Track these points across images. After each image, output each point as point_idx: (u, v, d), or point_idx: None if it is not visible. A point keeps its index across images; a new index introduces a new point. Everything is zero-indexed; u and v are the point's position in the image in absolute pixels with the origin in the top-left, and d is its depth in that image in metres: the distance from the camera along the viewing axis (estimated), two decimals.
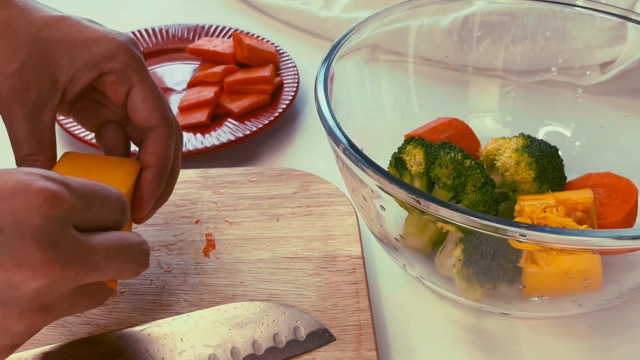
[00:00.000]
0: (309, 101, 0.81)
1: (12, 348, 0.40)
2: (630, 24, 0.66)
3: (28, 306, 0.37)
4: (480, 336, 0.54)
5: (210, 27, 0.89)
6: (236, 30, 0.87)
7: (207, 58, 0.83)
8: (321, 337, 0.51)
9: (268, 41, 0.85)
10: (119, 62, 0.50)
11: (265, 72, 0.78)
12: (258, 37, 0.86)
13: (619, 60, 0.73)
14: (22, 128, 0.48)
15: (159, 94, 0.51)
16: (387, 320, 0.56)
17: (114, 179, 0.49)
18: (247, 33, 0.86)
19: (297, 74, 0.80)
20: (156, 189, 0.51)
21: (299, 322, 0.52)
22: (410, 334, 0.55)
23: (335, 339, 0.51)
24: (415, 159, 0.57)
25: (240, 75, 0.78)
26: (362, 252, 0.59)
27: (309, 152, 0.74)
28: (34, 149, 0.48)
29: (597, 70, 0.72)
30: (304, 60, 0.84)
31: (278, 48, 0.84)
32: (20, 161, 0.49)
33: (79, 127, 0.70)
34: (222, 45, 0.83)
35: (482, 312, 0.55)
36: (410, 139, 0.59)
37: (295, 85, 0.79)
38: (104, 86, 0.51)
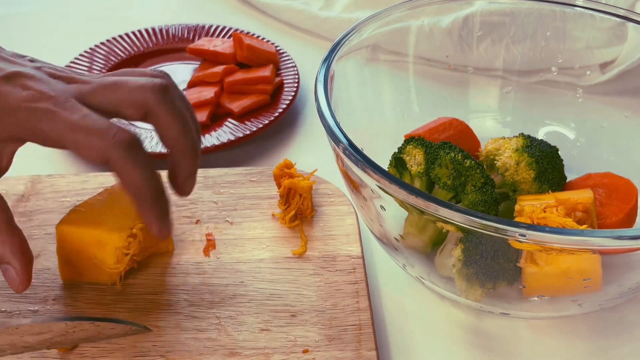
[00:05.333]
0: (309, 101, 0.81)
1: None
2: (630, 24, 0.66)
3: None
4: (480, 336, 0.54)
5: (210, 27, 0.89)
6: (236, 30, 0.87)
7: (207, 58, 0.83)
8: None
9: (268, 41, 0.84)
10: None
11: (266, 72, 0.78)
12: (258, 37, 0.86)
13: (619, 61, 0.73)
14: None
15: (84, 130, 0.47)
16: (387, 320, 0.56)
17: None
18: (247, 33, 0.86)
19: (297, 74, 0.80)
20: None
21: None
22: (410, 334, 0.55)
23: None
24: (415, 159, 0.57)
25: (240, 75, 0.78)
26: (362, 252, 0.59)
27: (309, 152, 0.74)
28: None
29: (597, 70, 0.72)
30: (304, 60, 0.84)
31: (278, 48, 0.84)
32: None
33: None
34: (222, 45, 0.83)
35: (482, 312, 0.55)
36: (410, 139, 0.59)
37: (296, 85, 0.79)
38: None
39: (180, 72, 0.83)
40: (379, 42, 0.65)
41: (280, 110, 0.75)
